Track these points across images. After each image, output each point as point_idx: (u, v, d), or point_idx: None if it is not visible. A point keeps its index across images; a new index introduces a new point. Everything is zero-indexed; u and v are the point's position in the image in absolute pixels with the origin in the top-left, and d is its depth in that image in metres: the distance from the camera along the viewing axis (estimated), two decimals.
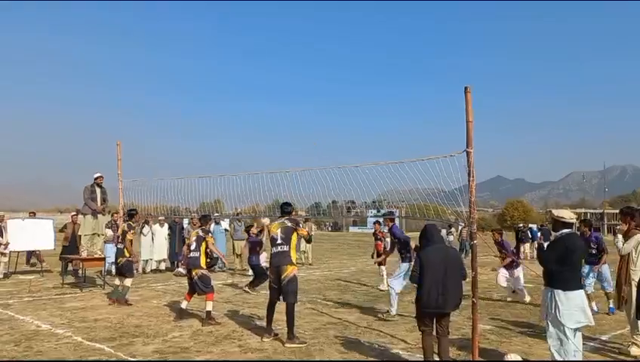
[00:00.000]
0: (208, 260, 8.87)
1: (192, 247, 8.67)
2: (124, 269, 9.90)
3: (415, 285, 5.63)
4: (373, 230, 13.57)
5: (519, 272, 10.62)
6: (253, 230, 12.78)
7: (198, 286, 8.42)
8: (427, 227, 5.91)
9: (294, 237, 7.24)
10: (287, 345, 6.83)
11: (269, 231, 7.46)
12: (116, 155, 11.30)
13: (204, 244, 8.62)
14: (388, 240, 13.09)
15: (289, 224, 7.28)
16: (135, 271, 14.86)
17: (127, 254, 9.90)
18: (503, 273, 10.76)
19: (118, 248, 10.23)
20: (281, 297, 7.17)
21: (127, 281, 9.89)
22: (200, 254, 8.56)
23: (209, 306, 8.24)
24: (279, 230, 7.25)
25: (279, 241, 7.17)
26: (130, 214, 10.42)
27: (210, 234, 8.86)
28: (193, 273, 8.48)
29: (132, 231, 10.09)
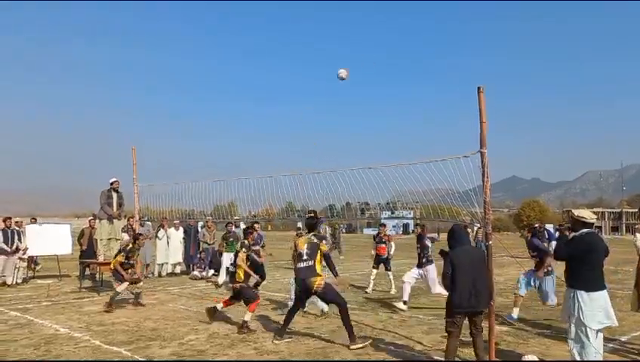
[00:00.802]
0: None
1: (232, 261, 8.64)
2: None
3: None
4: (377, 231, 13.09)
5: (432, 271, 9.84)
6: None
7: (243, 298, 8.30)
8: (455, 228, 5.88)
9: (319, 252, 7.33)
10: (352, 347, 6.83)
11: (295, 247, 7.53)
12: (132, 160, 11.40)
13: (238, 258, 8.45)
14: (393, 243, 12.85)
15: (315, 240, 7.38)
16: (151, 275, 14.99)
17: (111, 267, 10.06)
18: (414, 272, 9.97)
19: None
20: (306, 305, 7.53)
21: (119, 287, 9.77)
22: (236, 269, 8.39)
23: (247, 316, 7.93)
24: (306, 245, 7.32)
25: (305, 257, 7.28)
26: (135, 238, 10.39)
27: (244, 249, 8.59)
28: (236, 286, 8.36)
29: (121, 255, 9.93)
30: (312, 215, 7.86)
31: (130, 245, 10.10)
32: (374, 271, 12.46)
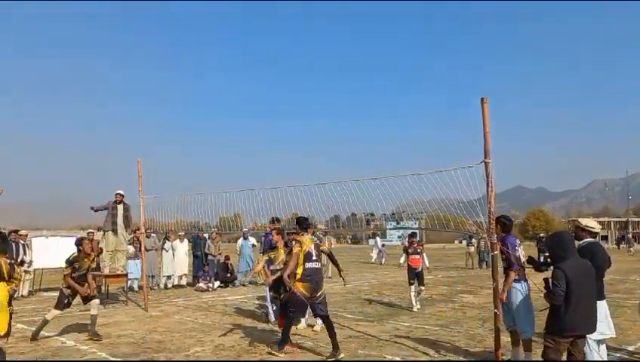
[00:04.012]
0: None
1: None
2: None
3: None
4: (407, 243, 11.68)
5: None
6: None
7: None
8: (564, 235, 5.18)
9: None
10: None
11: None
12: (137, 172, 11.43)
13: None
14: (425, 255, 11.73)
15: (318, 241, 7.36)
16: (156, 287, 14.98)
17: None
18: None
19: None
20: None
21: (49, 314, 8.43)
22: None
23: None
24: (313, 245, 7.14)
25: (315, 258, 7.09)
26: (78, 242, 8.71)
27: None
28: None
29: (67, 267, 8.39)
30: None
31: (75, 253, 8.58)
32: (412, 287, 11.09)
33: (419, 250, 11.18)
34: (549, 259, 5.92)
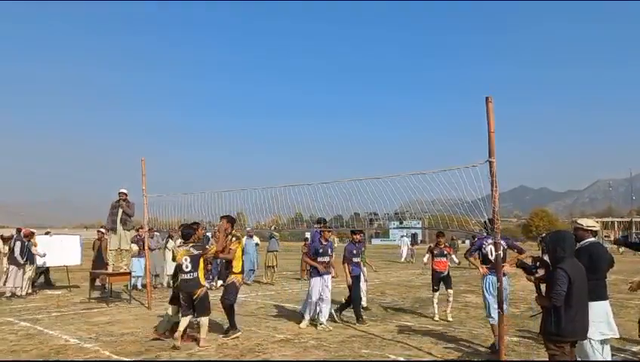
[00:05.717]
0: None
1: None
2: (200, 303, 7.71)
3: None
4: (434, 243, 10.52)
5: None
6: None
7: None
8: (567, 234, 4.98)
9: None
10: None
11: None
12: (141, 171, 11.45)
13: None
14: (455, 257, 11.26)
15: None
16: (160, 286, 14.95)
17: (202, 282, 7.84)
18: None
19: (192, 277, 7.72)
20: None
21: (204, 320, 7.72)
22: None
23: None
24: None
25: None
26: (188, 234, 8.04)
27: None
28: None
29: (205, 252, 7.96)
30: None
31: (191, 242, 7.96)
32: (436, 293, 10.03)
33: (445, 252, 10.20)
34: (538, 263, 5.87)
